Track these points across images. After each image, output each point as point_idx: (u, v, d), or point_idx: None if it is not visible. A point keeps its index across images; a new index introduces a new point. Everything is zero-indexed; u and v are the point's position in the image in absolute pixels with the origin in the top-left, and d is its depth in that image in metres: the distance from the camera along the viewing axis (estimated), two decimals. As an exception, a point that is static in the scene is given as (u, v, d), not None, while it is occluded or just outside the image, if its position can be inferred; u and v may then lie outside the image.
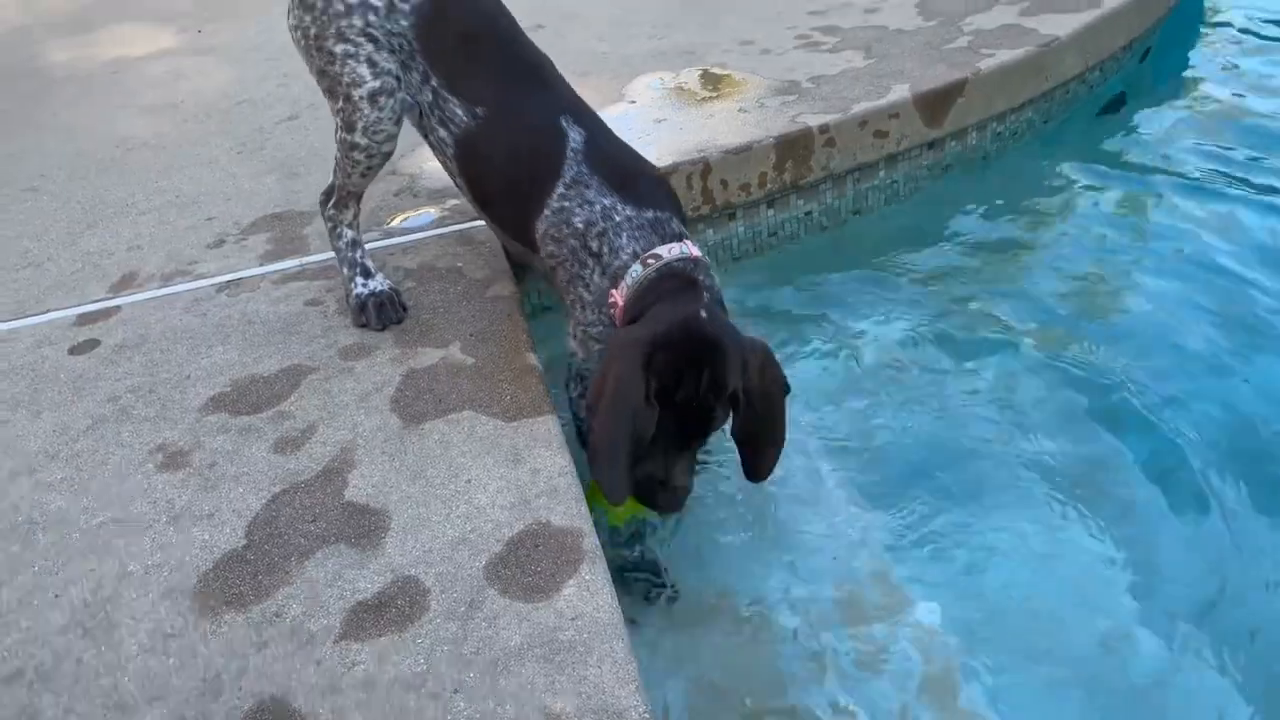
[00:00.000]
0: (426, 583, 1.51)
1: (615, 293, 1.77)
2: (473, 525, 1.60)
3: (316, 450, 1.80)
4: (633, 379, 1.56)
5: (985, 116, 3.06)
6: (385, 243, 2.43)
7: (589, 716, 1.29)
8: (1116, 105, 3.61)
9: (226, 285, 2.34)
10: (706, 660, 1.79)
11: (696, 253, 1.77)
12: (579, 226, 1.82)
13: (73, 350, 2.16)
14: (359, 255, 2.14)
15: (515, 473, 1.69)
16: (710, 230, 2.77)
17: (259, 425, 1.87)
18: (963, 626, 1.83)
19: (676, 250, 1.75)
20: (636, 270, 1.74)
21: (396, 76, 1.97)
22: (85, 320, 2.27)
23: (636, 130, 2.79)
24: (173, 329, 2.19)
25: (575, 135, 1.87)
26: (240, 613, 1.49)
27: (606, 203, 1.81)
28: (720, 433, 1.73)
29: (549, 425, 1.79)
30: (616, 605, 1.45)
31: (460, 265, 2.31)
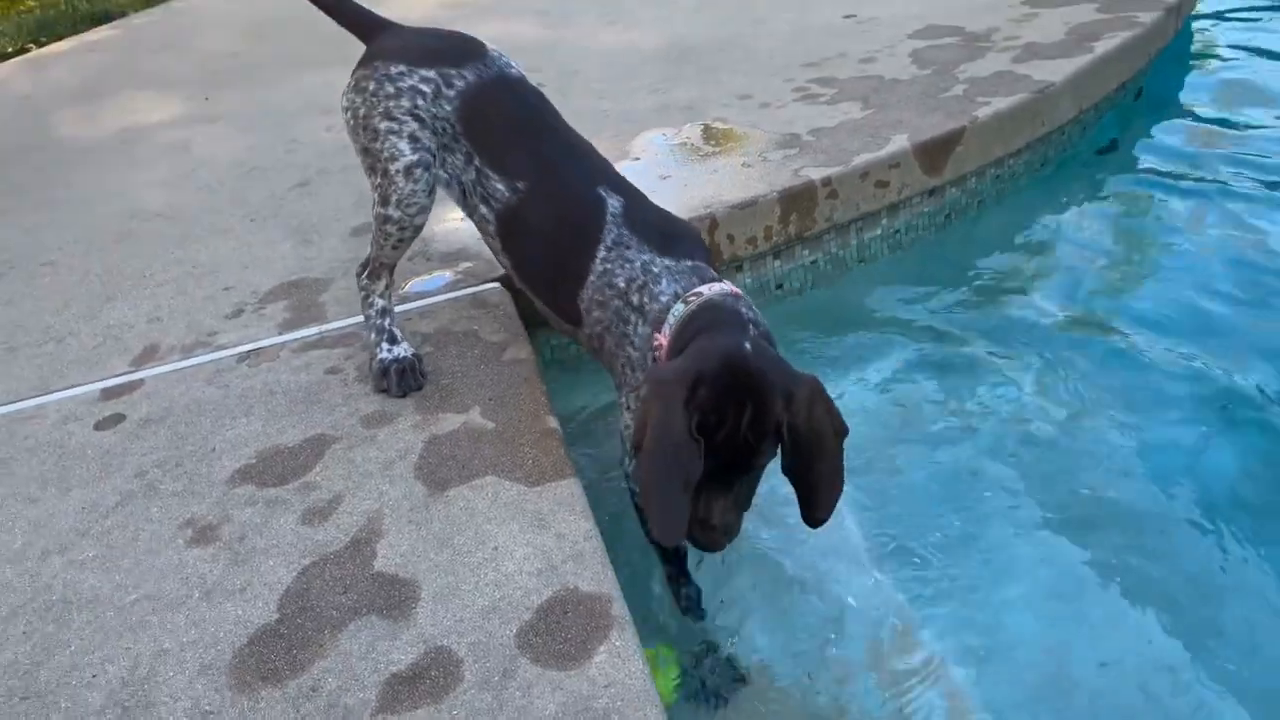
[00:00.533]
0: (459, 653, 1.52)
1: (659, 335, 1.75)
2: (502, 593, 1.62)
3: (344, 520, 1.82)
4: (673, 415, 1.52)
5: (984, 163, 3.13)
6: (401, 308, 2.47)
7: (627, 785, 1.31)
8: (1112, 146, 3.68)
9: (247, 355, 2.38)
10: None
11: (738, 291, 1.76)
12: (621, 286, 1.83)
13: (98, 425, 2.19)
14: (387, 323, 2.19)
15: (541, 538, 1.72)
16: (718, 284, 2.81)
17: (286, 497, 1.90)
18: (990, 685, 1.82)
19: (718, 288, 1.75)
20: (679, 309, 1.73)
21: (433, 152, 2.02)
22: (109, 395, 2.30)
23: (643, 187, 2.75)
24: (196, 401, 2.22)
25: (614, 202, 1.91)
26: (277, 688, 1.51)
27: (645, 258, 1.83)
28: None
29: (571, 488, 1.82)
30: (648, 672, 1.46)
31: (476, 329, 2.35)
